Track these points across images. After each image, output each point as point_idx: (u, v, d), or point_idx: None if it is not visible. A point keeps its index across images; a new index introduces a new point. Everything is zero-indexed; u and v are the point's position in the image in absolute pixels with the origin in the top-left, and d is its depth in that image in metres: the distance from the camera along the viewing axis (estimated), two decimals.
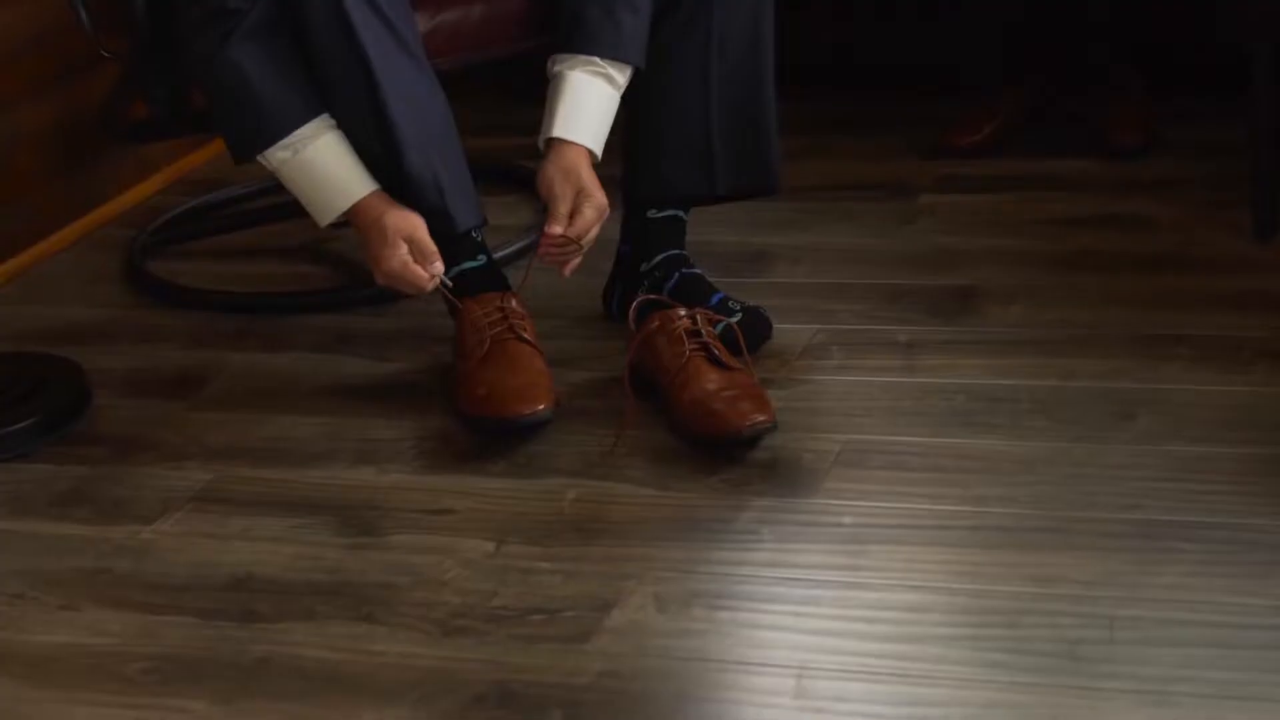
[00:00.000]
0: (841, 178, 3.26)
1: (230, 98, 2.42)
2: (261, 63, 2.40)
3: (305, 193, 2.48)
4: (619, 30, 2.47)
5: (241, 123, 2.45)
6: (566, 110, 2.48)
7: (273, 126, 2.43)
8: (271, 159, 2.45)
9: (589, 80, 2.48)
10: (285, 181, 2.48)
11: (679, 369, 2.41)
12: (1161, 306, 2.65)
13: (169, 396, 2.66)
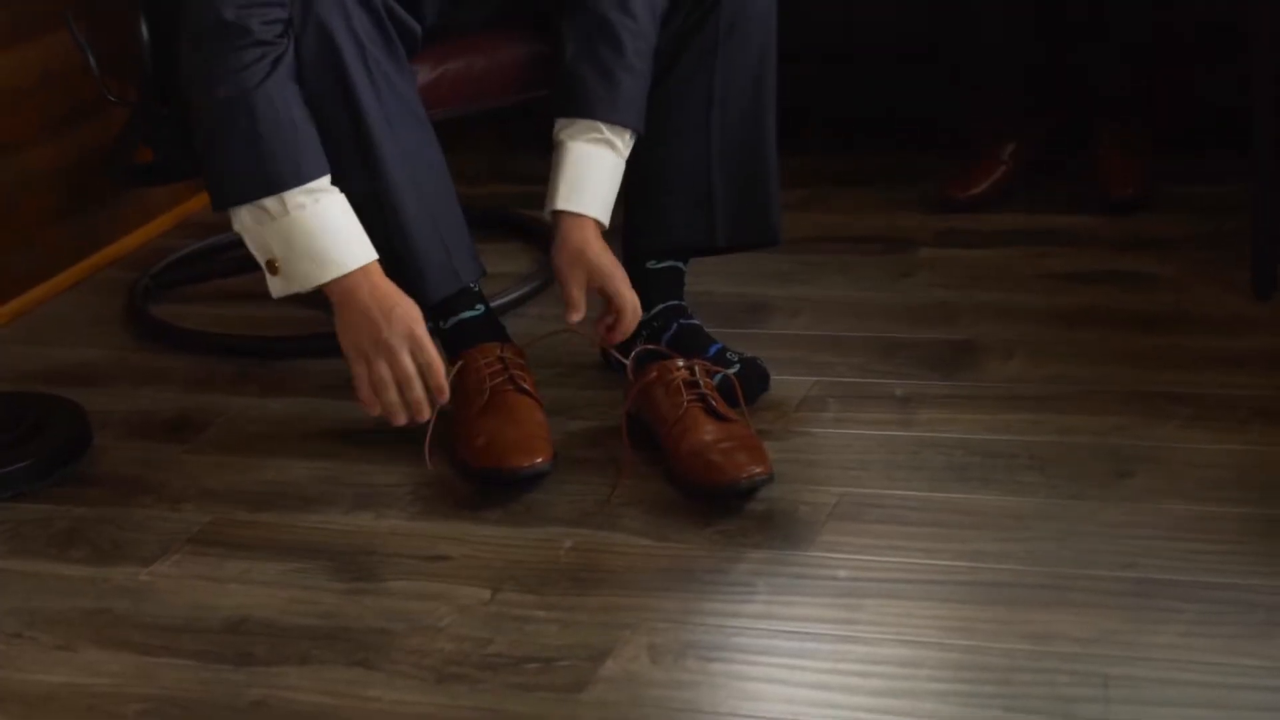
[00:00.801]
0: (840, 230, 3.27)
1: (266, 131, 2.31)
2: (298, 103, 2.34)
3: (309, 246, 2.35)
4: (616, 92, 2.47)
5: (268, 159, 2.32)
6: (570, 182, 2.48)
7: (304, 166, 2.33)
8: (287, 201, 2.32)
9: (591, 150, 2.48)
10: (282, 234, 2.34)
11: (676, 419, 2.42)
12: (1160, 364, 2.66)
13: (168, 439, 2.67)
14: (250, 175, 2.33)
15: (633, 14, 2.48)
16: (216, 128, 2.34)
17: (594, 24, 2.49)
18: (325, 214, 2.35)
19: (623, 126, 2.49)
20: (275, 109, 2.31)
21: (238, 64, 2.31)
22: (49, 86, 3.18)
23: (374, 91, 2.38)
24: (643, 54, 2.49)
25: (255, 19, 2.30)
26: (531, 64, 2.66)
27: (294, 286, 2.40)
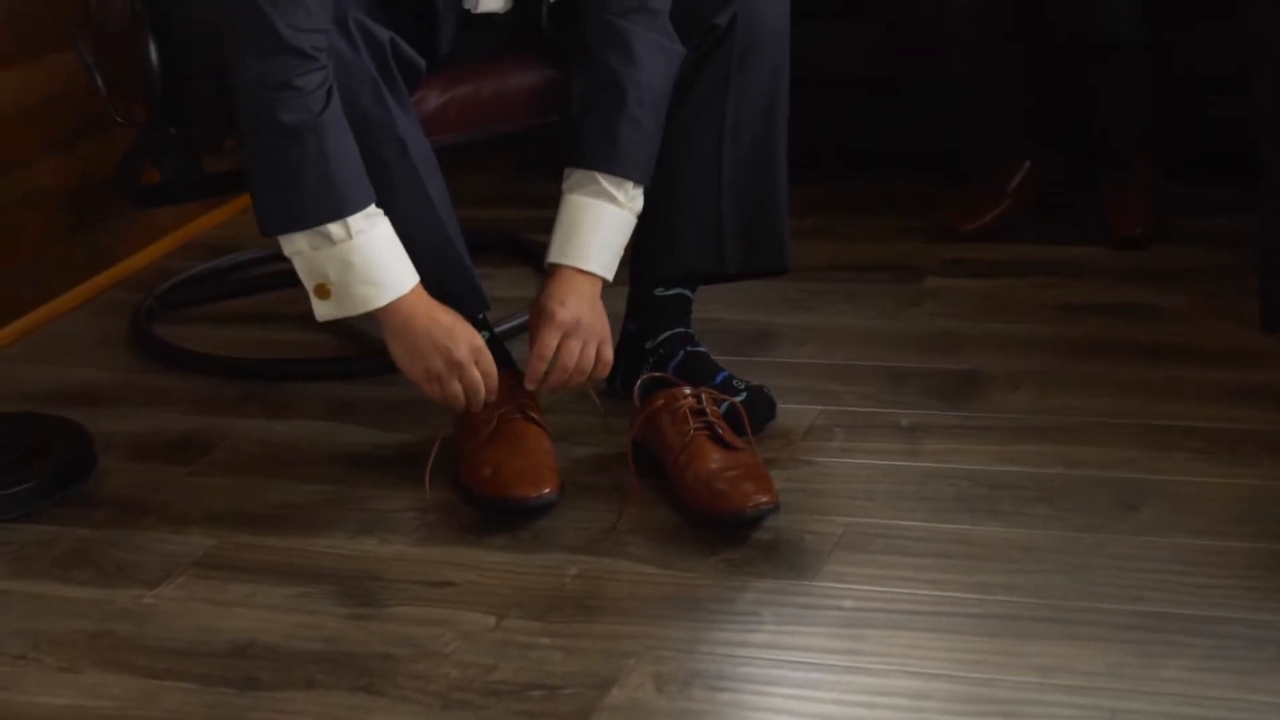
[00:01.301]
0: (847, 259, 3.27)
1: (330, 155, 2.29)
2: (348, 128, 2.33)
3: (368, 269, 2.34)
4: (616, 143, 2.45)
5: (331, 183, 2.30)
6: (564, 234, 2.47)
7: (363, 192, 2.32)
8: (351, 225, 2.31)
9: (588, 202, 2.46)
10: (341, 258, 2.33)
11: (683, 447, 2.42)
12: (1167, 397, 2.65)
13: (173, 461, 2.67)
14: (316, 202, 2.31)
15: (638, 64, 2.46)
16: (276, 155, 2.31)
17: (597, 74, 2.48)
18: (382, 238, 2.35)
19: (622, 178, 2.47)
20: (340, 135, 2.30)
21: (303, 88, 2.28)
22: (55, 106, 3.18)
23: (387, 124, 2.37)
24: (647, 104, 2.47)
25: (307, 40, 2.29)
26: (540, 90, 2.66)
27: (346, 310, 2.39)
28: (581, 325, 2.46)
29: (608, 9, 2.48)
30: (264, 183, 2.35)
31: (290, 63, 2.28)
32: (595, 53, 2.48)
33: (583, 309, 2.46)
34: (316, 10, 2.30)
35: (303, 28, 2.28)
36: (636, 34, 2.47)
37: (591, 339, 2.47)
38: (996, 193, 3.34)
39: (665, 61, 2.50)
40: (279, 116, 2.29)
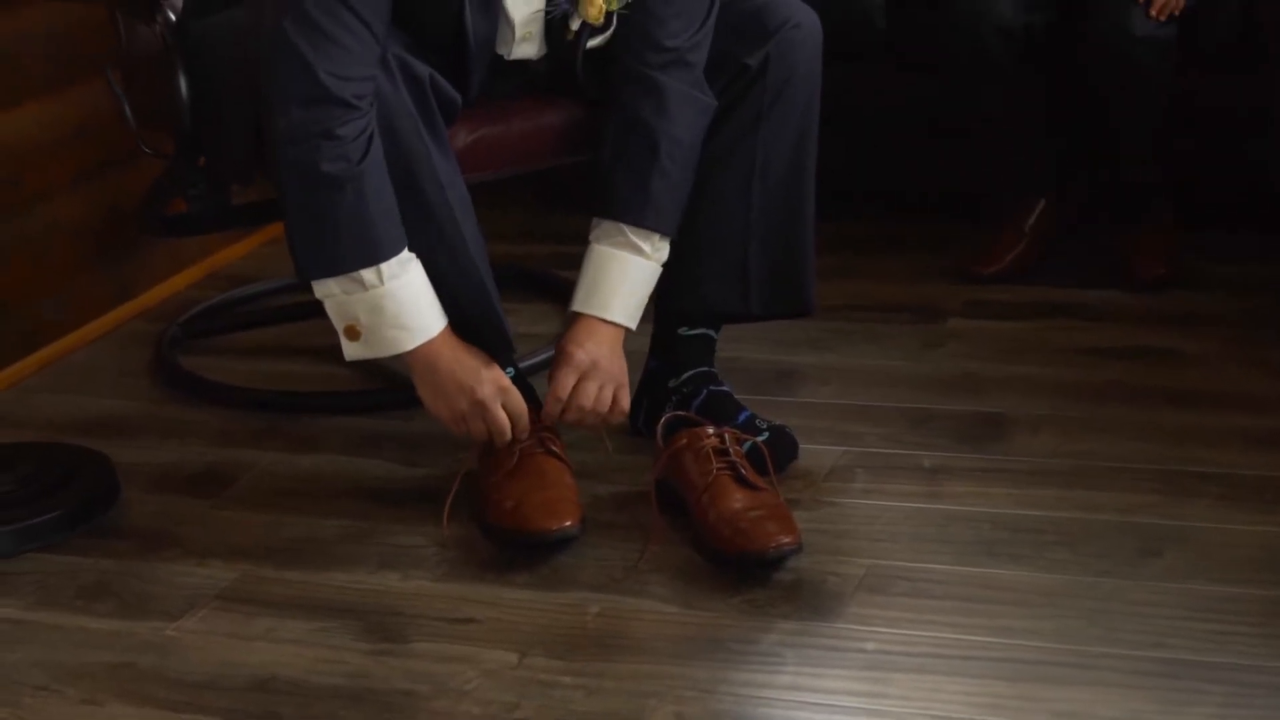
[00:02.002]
0: (870, 299, 3.28)
1: (368, 203, 2.30)
2: (386, 173, 2.34)
3: (399, 314, 2.35)
4: (646, 196, 2.46)
5: (370, 230, 2.32)
6: (589, 284, 2.49)
7: (396, 239, 2.33)
8: (384, 271, 2.32)
9: (614, 253, 2.48)
10: (372, 303, 2.34)
11: (706, 487, 2.42)
12: (1189, 442, 2.65)
13: (196, 493, 2.67)
14: (351, 248, 2.33)
15: (671, 117, 2.47)
16: (318, 199, 2.32)
17: (630, 126, 2.48)
18: (413, 284, 2.37)
19: (650, 231, 2.48)
20: (378, 182, 2.31)
21: (344, 137, 2.29)
22: (83, 137, 3.20)
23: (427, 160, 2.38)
24: (678, 158, 2.48)
25: (349, 89, 2.29)
26: (568, 130, 2.67)
27: (375, 352, 2.41)
28: (599, 368, 2.47)
29: (643, 61, 2.49)
30: (300, 228, 2.35)
31: (332, 112, 2.29)
32: (628, 104, 2.49)
33: (601, 353, 2.47)
34: (361, 55, 2.31)
35: (345, 75, 2.29)
36: (670, 87, 2.48)
37: (609, 383, 2.49)
38: (1014, 233, 3.35)
39: (697, 115, 2.51)
40: (319, 165, 2.30)
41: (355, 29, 2.30)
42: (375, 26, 2.32)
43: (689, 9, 2.50)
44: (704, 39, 2.52)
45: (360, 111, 2.30)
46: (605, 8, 2.47)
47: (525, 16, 2.50)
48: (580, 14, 2.48)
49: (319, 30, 2.29)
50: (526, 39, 2.52)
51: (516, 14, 2.49)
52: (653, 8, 2.48)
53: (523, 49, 2.53)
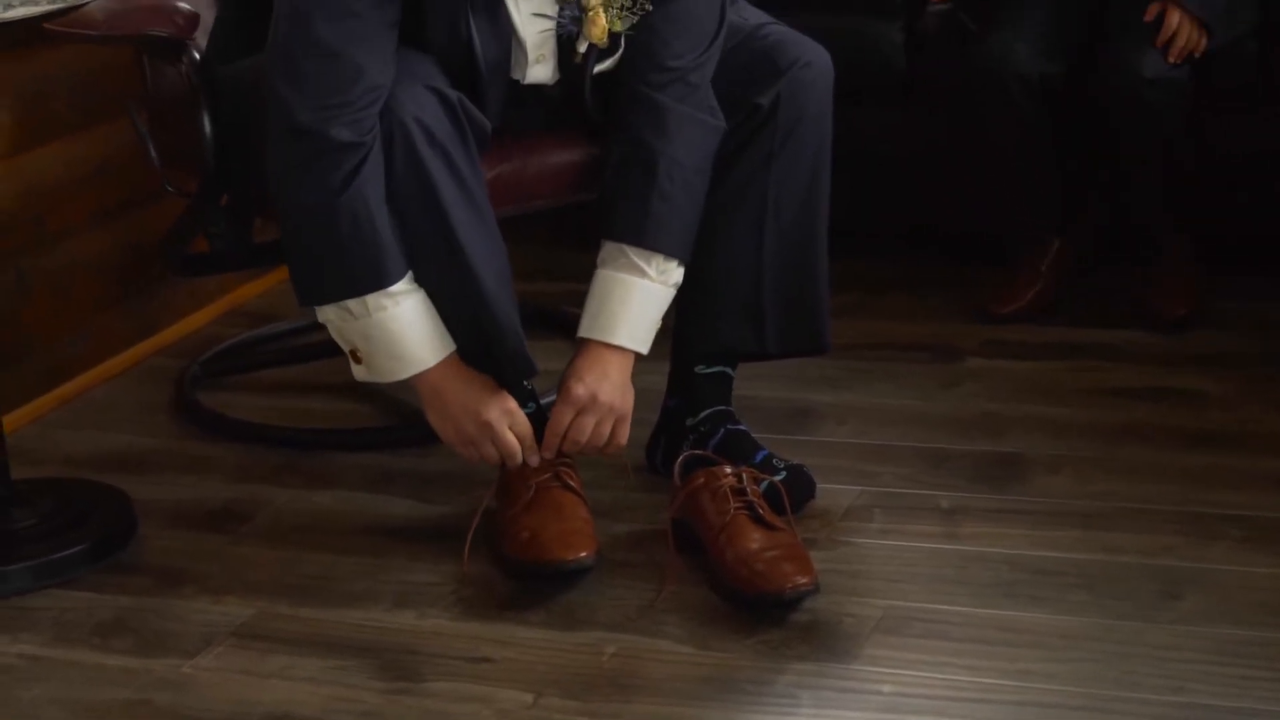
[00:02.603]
0: (887, 337, 3.27)
1: (346, 236, 2.33)
2: (381, 203, 2.35)
3: (389, 345, 2.40)
4: (646, 217, 2.46)
5: (349, 262, 2.35)
6: (594, 308, 2.50)
7: (385, 270, 2.36)
8: (369, 304, 2.36)
9: (618, 276, 2.48)
10: (363, 332, 2.39)
11: (723, 527, 2.42)
12: (1210, 484, 2.64)
13: (213, 529, 2.68)
14: (333, 279, 2.37)
15: (670, 138, 2.47)
16: (300, 232, 2.38)
17: (630, 147, 2.49)
18: (405, 315, 2.38)
19: (652, 252, 2.48)
20: (356, 216, 2.33)
21: (319, 170, 2.33)
22: (107, 175, 3.21)
23: (453, 184, 2.38)
24: (679, 178, 2.48)
25: (336, 122, 2.31)
26: (584, 167, 2.67)
27: (376, 377, 2.46)
28: (598, 402, 2.47)
29: (646, 81, 2.49)
30: (291, 257, 2.42)
31: (310, 146, 2.32)
32: (630, 125, 2.50)
33: (601, 386, 2.47)
34: (340, 85, 2.33)
35: (328, 105, 2.31)
36: (671, 107, 2.48)
37: (607, 417, 2.49)
38: (1031, 273, 3.34)
39: (701, 136, 2.51)
40: (296, 200, 2.35)
41: (332, 59, 2.32)
42: (357, 55, 2.33)
43: (694, 29, 2.51)
44: (709, 60, 2.52)
45: (339, 143, 2.32)
46: (609, 28, 2.47)
47: (536, 38, 2.50)
48: (585, 35, 2.49)
49: (293, 64, 2.34)
50: (540, 61, 2.53)
51: (528, 36, 2.49)
52: (658, 28, 2.49)
53: (536, 72, 2.54)
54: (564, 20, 2.49)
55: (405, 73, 2.38)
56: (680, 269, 2.52)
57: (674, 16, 2.49)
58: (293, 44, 2.35)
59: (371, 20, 2.34)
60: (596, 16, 2.46)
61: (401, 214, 2.37)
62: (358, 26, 2.33)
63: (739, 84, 2.57)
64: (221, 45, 2.71)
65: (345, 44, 2.33)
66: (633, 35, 2.50)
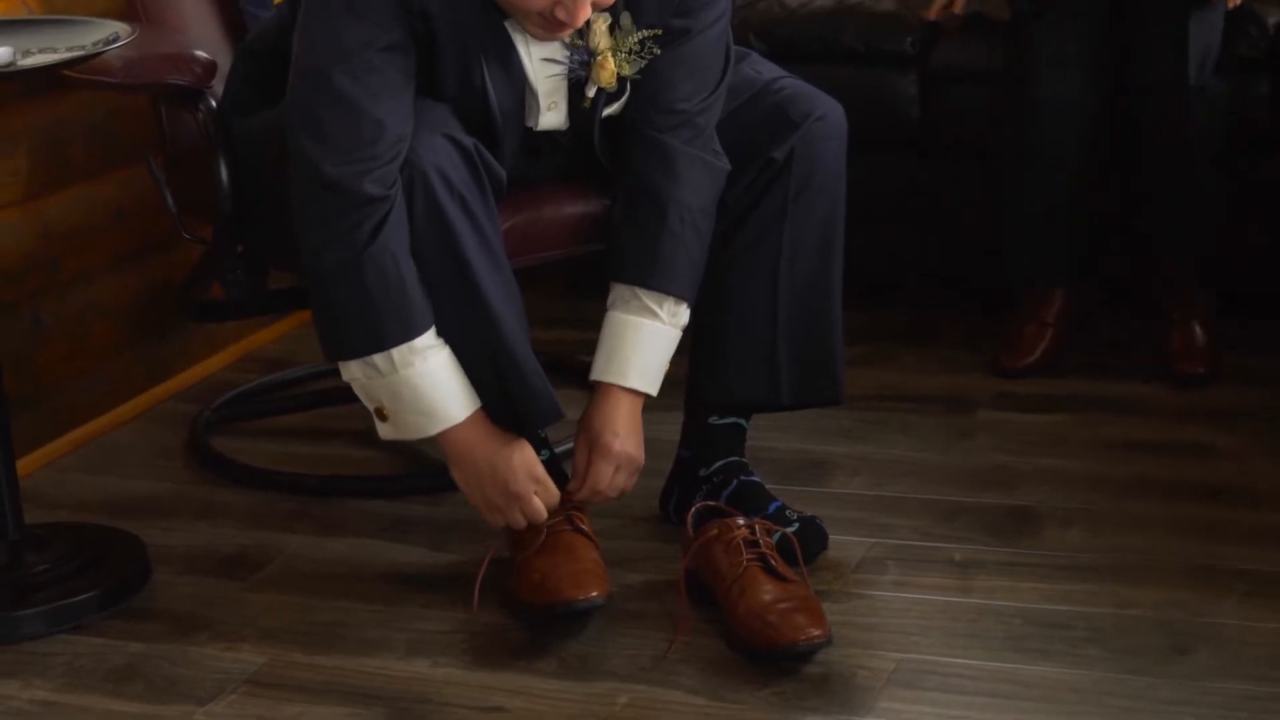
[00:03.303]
0: (901, 389, 3.28)
1: (374, 290, 2.34)
2: (408, 256, 2.36)
3: (417, 401, 2.39)
4: (655, 258, 2.48)
5: (376, 317, 2.35)
6: (606, 351, 2.51)
7: (412, 323, 2.36)
8: (395, 359, 2.36)
9: (629, 318, 2.50)
10: (390, 388, 2.39)
11: (735, 578, 2.42)
12: (1221, 539, 2.65)
13: (226, 575, 2.68)
14: (359, 334, 2.38)
15: (679, 180, 2.49)
16: (326, 287, 2.39)
17: (639, 189, 2.51)
18: (432, 371, 2.39)
19: (663, 294, 2.49)
20: (383, 270, 2.34)
21: (343, 226, 2.34)
22: (123, 221, 3.22)
23: (472, 233, 2.39)
24: (688, 220, 2.49)
25: (362, 177, 2.33)
26: (596, 219, 2.68)
27: (403, 435, 2.45)
28: (630, 457, 2.50)
29: (652, 124, 2.51)
30: (318, 312, 2.43)
31: (335, 200, 2.34)
32: (637, 167, 2.52)
33: (631, 442, 2.50)
34: (372, 141, 2.34)
35: (354, 160, 2.33)
36: (678, 150, 2.50)
37: (630, 469, 2.52)
38: (1038, 325, 3.34)
39: (709, 178, 2.53)
40: (321, 256, 2.37)
41: (354, 113, 2.34)
42: (379, 109, 2.35)
43: (701, 72, 2.52)
44: (715, 103, 2.54)
45: (365, 197, 2.33)
46: (617, 72, 2.49)
47: (548, 84, 2.52)
48: (594, 79, 2.50)
49: (316, 118, 2.36)
50: (552, 108, 2.54)
51: (539, 82, 2.51)
52: (664, 71, 2.50)
53: (549, 119, 2.55)
54: (574, 65, 2.50)
55: (423, 121, 2.39)
56: (688, 310, 2.54)
57: (681, 60, 2.51)
58: (314, 98, 2.37)
59: (390, 73, 2.36)
60: (605, 61, 2.48)
61: (422, 264, 2.38)
62: (377, 80, 2.35)
63: (753, 137, 2.58)
64: (238, 97, 2.72)
65: (366, 98, 2.34)
66: (639, 79, 2.51)
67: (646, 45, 2.47)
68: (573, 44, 2.47)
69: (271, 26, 2.71)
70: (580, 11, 2.33)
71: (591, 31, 2.45)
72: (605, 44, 2.46)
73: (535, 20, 2.37)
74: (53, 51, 2.47)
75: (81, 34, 2.54)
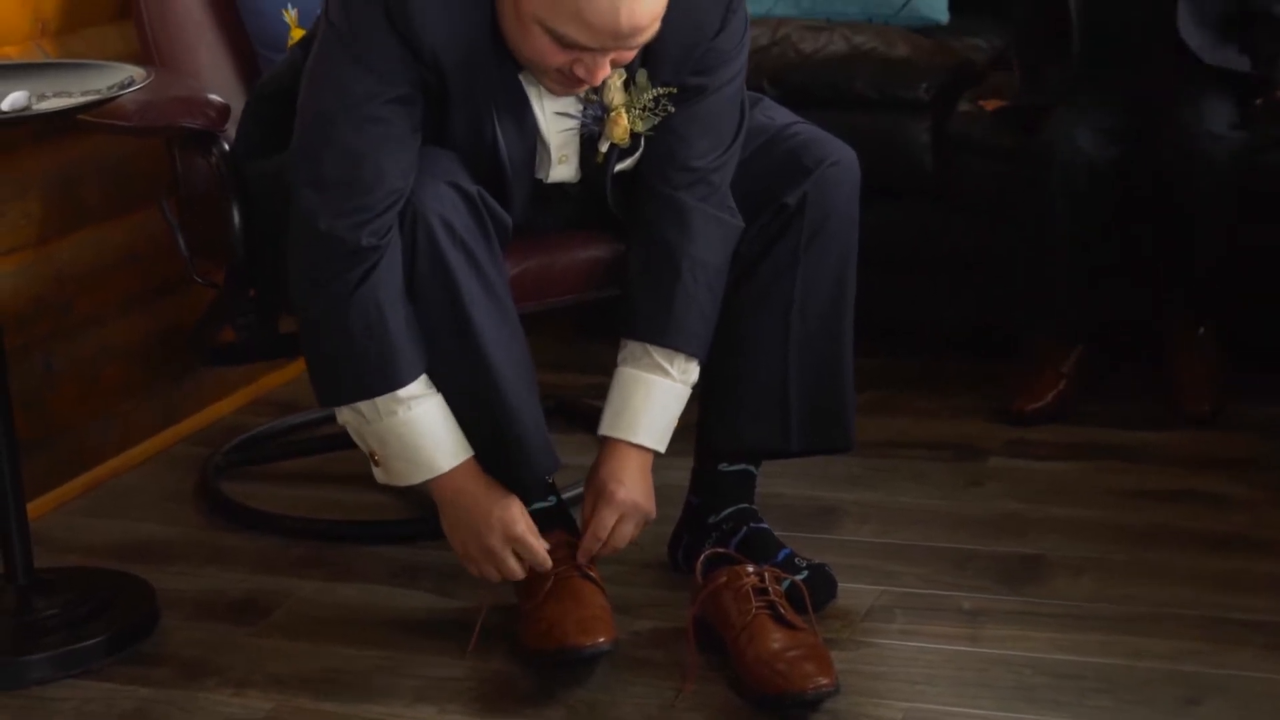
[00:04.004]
0: (911, 436, 3.27)
1: (358, 338, 2.35)
2: (395, 305, 2.37)
3: (403, 449, 2.41)
4: (668, 316, 2.48)
5: (361, 365, 2.37)
6: (615, 407, 2.51)
7: (398, 372, 2.37)
8: (380, 407, 2.38)
9: (639, 375, 2.50)
10: (378, 435, 2.41)
11: (744, 626, 2.42)
12: (1232, 589, 2.64)
13: (235, 621, 2.68)
14: (347, 380, 2.40)
15: (693, 238, 2.49)
16: (315, 333, 2.41)
17: (653, 246, 2.51)
18: (419, 420, 2.39)
19: (674, 351, 2.50)
20: (368, 318, 2.35)
21: (330, 274, 2.35)
22: (135, 264, 3.23)
23: (475, 282, 2.40)
24: (701, 278, 2.50)
25: (358, 229, 2.34)
26: (606, 264, 2.68)
27: (393, 480, 2.46)
28: (639, 508, 2.50)
29: (667, 181, 2.51)
30: (307, 356, 2.46)
31: (326, 249, 2.36)
32: (652, 224, 2.52)
33: (638, 492, 2.49)
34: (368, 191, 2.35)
35: (348, 210, 2.34)
36: (693, 207, 2.50)
37: (639, 520, 2.52)
38: (1054, 374, 3.34)
39: (722, 236, 2.53)
40: (308, 301, 2.39)
41: (355, 164, 2.35)
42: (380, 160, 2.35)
43: (716, 129, 2.53)
44: (729, 159, 2.54)
45: (355, 247, 2.34)
46: (631, 128, 2.49)
47: (559, 138, 2.52)
48: (607, 135, 2.51)
49: (317, 167, 2.38)
50: (563, 161, 2.54)
51: (552, 136, 2.51)
52: (679, 128, 2.51)
53: (560, 171, 2.56)
54: (587, 120, 2.51)
55: (427, 169, 2.40)
56: (698, 368, 2.53)
57: (696, 117, 2.51)
58: (317, 147, 2.38)
59: (396, 125, 2.37)
60: (619, 117, 2.49)
61: (422, 310, 2.39)
62: (382, 131, 2.36)
63: (766, 182, 2.59)
64: (250, 140, 2.73)
65: (369, 149, 2.35)
66: (652, 135, 2.52)
67: (661, 102, 2.48)
68: (587, 99, 2.48)
69: (284, 70, 2.71)
70: (600, 70, 2.34)
71: (606, 87, 2.46)
72: (620, 100, 2.47)
73: (553, 76, 2.37)
74: (68, 96, 2.48)
75: (96, 78, 2.56)
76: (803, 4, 3.82)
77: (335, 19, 2.39)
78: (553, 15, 2.29)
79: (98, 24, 3.16)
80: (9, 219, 2.98)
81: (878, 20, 3.78)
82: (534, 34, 2.32)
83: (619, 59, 2.37)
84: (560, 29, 2.29)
